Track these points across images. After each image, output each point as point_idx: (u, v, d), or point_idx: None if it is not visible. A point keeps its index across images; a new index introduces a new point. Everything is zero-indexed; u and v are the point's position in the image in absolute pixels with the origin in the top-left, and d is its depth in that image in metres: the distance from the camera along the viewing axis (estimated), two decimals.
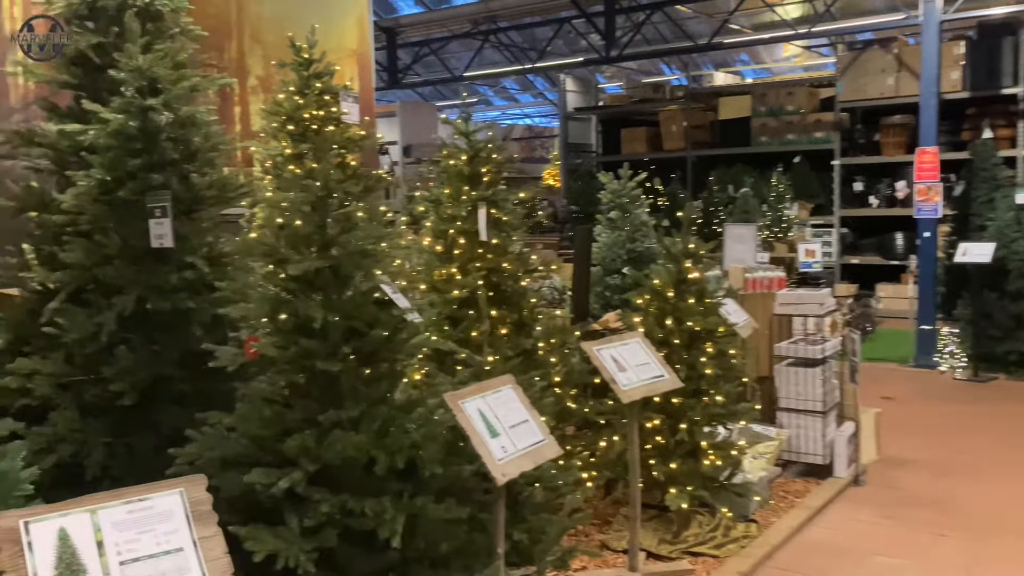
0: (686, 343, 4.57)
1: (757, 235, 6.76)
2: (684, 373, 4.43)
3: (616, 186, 5.83)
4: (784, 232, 11.85)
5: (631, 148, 15.58)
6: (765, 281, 6.20)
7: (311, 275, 2.88)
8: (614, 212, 5.79)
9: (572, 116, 16.60)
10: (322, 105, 5.48)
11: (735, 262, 6.64)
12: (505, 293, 4.83)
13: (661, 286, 4.60)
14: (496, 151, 5.02)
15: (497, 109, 27.10)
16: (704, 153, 14.86)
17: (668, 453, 4.51)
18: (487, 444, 2.87)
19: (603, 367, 3.95)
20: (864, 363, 9.88)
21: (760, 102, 14.13)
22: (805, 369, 5.58)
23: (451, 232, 4.89)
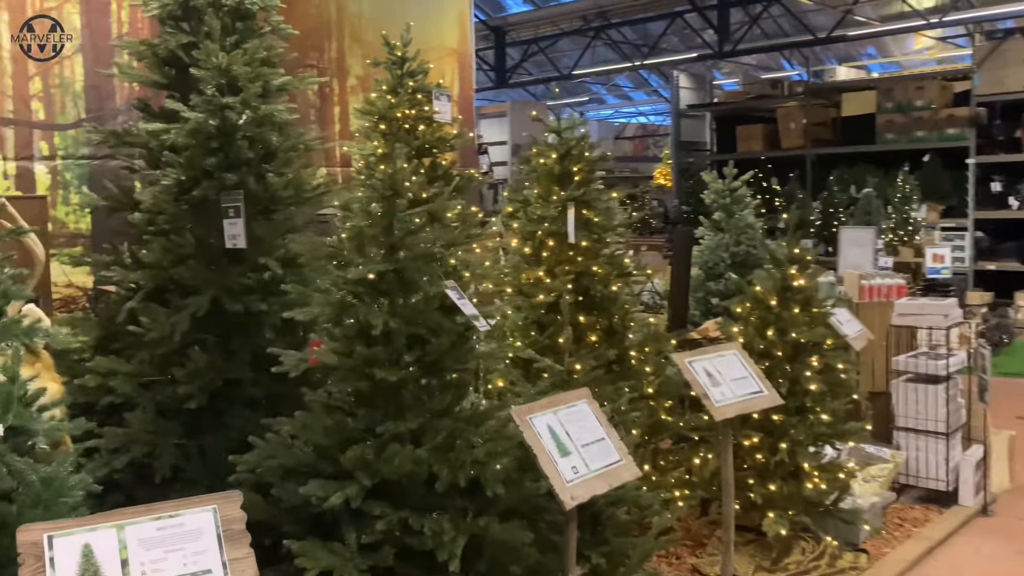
0: (789, 356, 4.22)
1: (877, 239, 6.28)
2: (786, 388, 4.10)
3: (720, 185, 5.50)
4: (910, 235, 11.10)
5: (747, 146, 14.99)
6: (883, 288, 5.73)
7: (375, 279, 2.75)
8: (718, 213, 5.46)
9: (685, 113, 16.13)
10: (414, 104, 5.42)
11: (851, 267, 6.18)
12: (594, 298, 4.61)
13: (763, 294, 4.28)
14: (588, 148, 4.80)
15: (610, 107, 26.77)
16: (824, 151, 14.14)
17: (767, 474, 4.18)
18: (556, 464, 2.67)
19: (695, 381, 3.68)
20: (998, 378, 9.14)
21: (886, 97, 13.32)
22: (926, 386, 5.11)
23: (539, 234, 4.70)
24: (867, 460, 4.89)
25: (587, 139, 4.86)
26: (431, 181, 5.33)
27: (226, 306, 3.25)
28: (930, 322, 5.11)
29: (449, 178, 5.54)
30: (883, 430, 5.37)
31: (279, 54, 4.52)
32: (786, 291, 4.29)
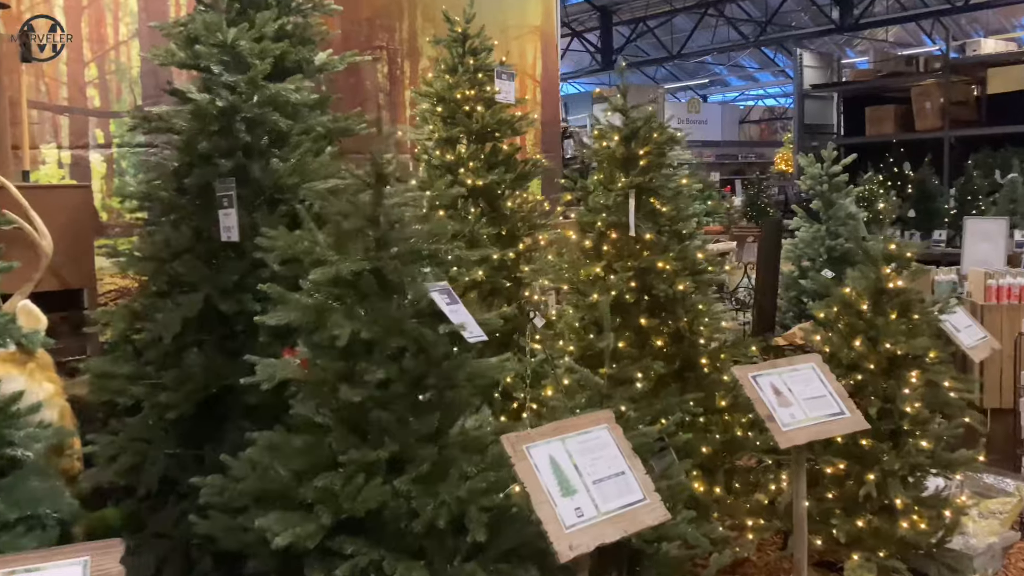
0: (883, 370, 3.59)
1: (1011, 230, 5.44)
2: (877, 409, 3.48)
3: (816, 170, 4.82)
4: None
5: (877, 129, 13.82)
6: (1015, 289, 4.93)
7: (353, 280, 2.37)
8: (815, 202, 4.79)
9: (809, 94, 15.05)
10: (475, 84, 5.04)
11: (977, 264, 5.37)
12: (658, 298, 4.09)
13: (853, 296, 3.66)
14: (658, 129, 4.26)
15: (734, 89, 25.60)
16: (965, 133, 12.85)
17: (854, 508, 3.58)
18: (554, 505, 2.22)
19: (759, 399, 3.13)
20: None
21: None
22: None
23: (599, 224, 4.22)
24: (985, 492, 4.17)
25: (655, 118, 4.32)
26: (491, 167, 4.94)
27: (219, 305, 2.95)
28: None
29: (514, 164, 5.14)
30: (1011, 455, 4.62)
31: (321, 32, 4.24)
32: (881, 294, 3.65)
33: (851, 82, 14.94)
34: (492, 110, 4.93)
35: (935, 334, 3.75)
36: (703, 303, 4.26)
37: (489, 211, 4.96)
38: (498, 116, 4.93)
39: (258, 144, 3.10)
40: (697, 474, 4.06)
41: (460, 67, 4.98)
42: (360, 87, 6.10)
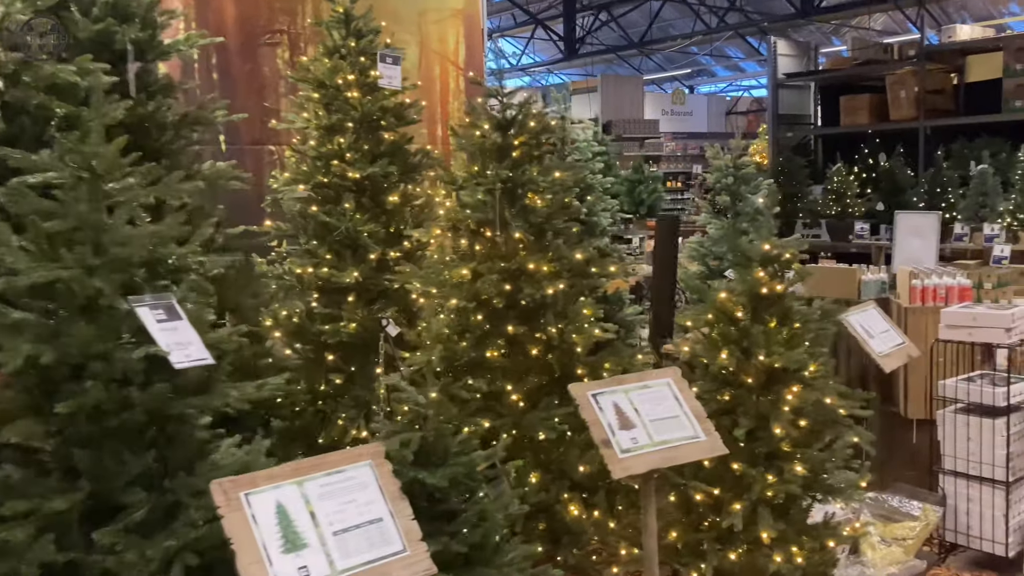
0: (761, 385, 3.21)
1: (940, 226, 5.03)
2: (746, 431, 3.10)
3: (724, 161, 4.44)
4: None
5: (851, 119, 13.38)
6: (941, 290, 4.54)
7: (46, 293, 1.99)
8: (722, 196, 4.42)
9: (784, 83, 14.60)
10: (358, 69, 4.67)
11: (908, 263, 4.98)
12: (528, 305, 3.71)
13: (728, 303, 3.27)
14: (534, 117, 3.88)
15: (721, 80, 25.11)
16: (941, 123, 12.40)
17: (729, 539, 3.20)
18: (269, 564, 1.85)
19: (596, 421, 2.76)
20: None
21: (1015, 58, 11.48)
22: (980, 419, 3.94)
23: (469, 223, 3.85)
24: (890, 516, 3.79)
25: (533, 104, 3.94)
26: (374, 159, 4.57)
27: None
28: (987, 336, 3.93)
29: (402, 155, 4.76)
30: (929, 472, 4.25)
31: (167, 11, 3.90)
32: (760, 300, 3.27)
33: (825, 71, 14.48)
34: (374, 96, 4.57)
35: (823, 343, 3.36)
36: (588, 307, 3.89)
37: (372, 206, 4.61)
38: (380, 103, 4.56)
39: (22, 134, 2.72)
40: (569, 496, 3.71)
41: (343, 50, 4.62)
42: (257, 73, 5.73)
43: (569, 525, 3.65)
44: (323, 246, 4.49)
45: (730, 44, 22.22)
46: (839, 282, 4.92)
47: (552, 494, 3.64)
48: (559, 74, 25.52)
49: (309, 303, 4.46)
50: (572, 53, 14.05)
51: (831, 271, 4.96)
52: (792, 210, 12.08)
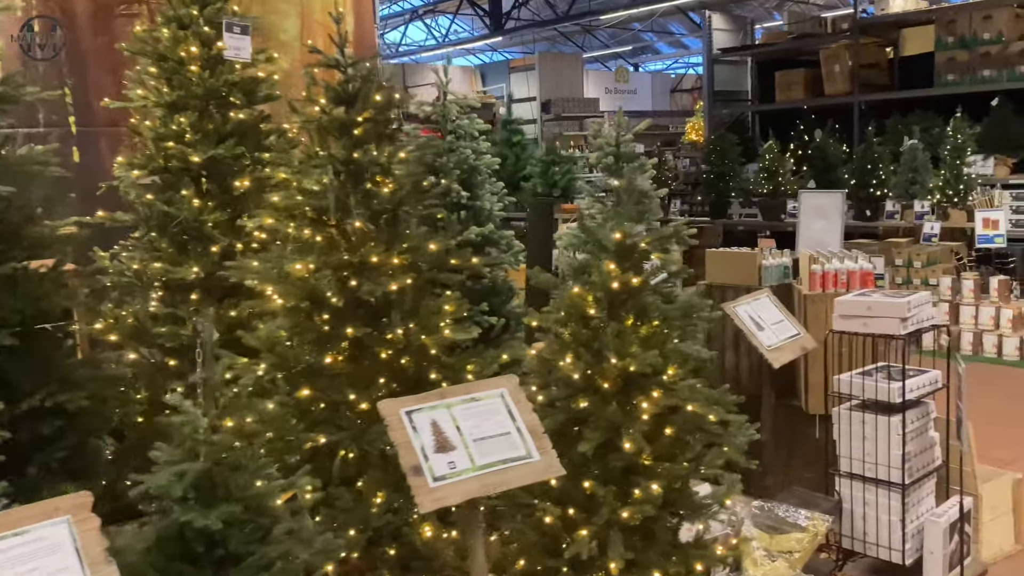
0: (618, 391, 2.84)
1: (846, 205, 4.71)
2: (594, 445, 2.73)
3: (606, 139, 4.07)
4: (963, 196, 9.25)
5: (786, 94, 13.11)
6: (843, 276, 4.22)
7: None
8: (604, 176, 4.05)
9: (719, 59, 14.29)
10: (203, 40, 4.20)
11: (811, 246, 4.66)
12: (372, 303, 3.29)
13: (580, 299, 2.89)
14: (380, 90, 3.44)
15: (666, 57, 24.77)
16: (875, 98, 12.17)
17: (587, 566, 2.83)
18: None
19: (406, 443, 2.37)
20: None
21: (947, 31, 11.27)
22: (876, 417, 3.62)
23: (307, 211, 3.42)
24: (778, 526, 3.46)
25: (377, 76, 3.50)
26: (220, 139, 4.11)
27: None
28: (882, 327, 3.60)
29: (254, 135, 4.31)
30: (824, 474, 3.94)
31: None
32: (618, 294, 2.89)
33: (760, 45, 14.19)
34: (219, 71, 4.11)
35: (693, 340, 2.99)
36: (451, 304, 3.49)
37: (219, 193, 4.15)
38: (224, 78, 4.10)
39: None
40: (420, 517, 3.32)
41: (185, 19, 4.15)
42: (111, 47, 5.21)
43: (420, 550, 3.27)
44: (164, 238, 4.04)
45: (673, 20, 21.88)
46: (739, 268, 4.57)
47: (401, 516, 3.25)
48: (503, 52, 25.02)
49: (149, 302, 4.02)
50: (498, 28, 13.56)
51: (731, 256, 4.61)
52: (725, 189, 11.80)
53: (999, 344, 7.73)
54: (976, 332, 7.88)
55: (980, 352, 7.84)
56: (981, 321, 7.88)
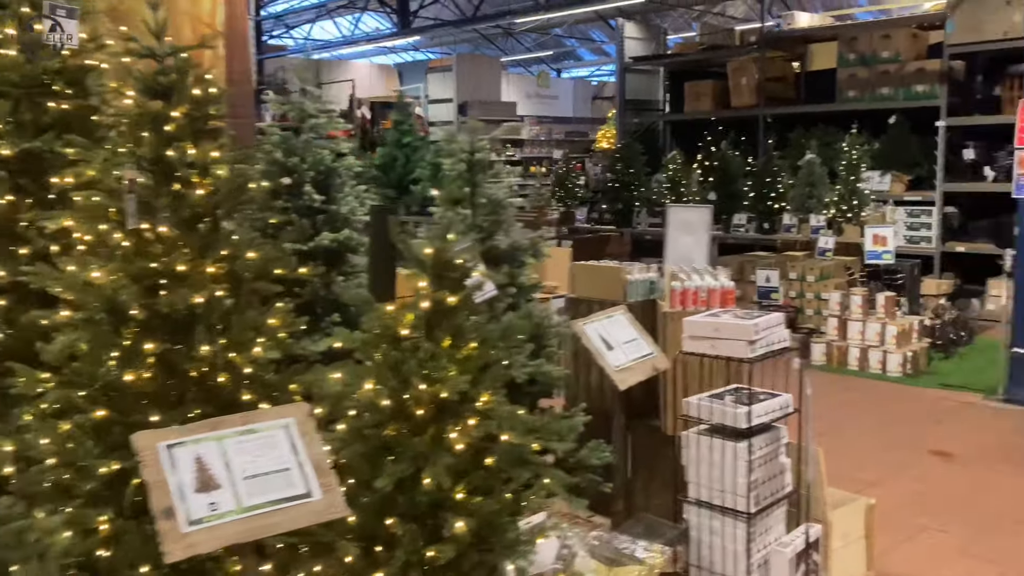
0: (429, 419, 2.62)
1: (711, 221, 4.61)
2: (401, 473, 2.51)
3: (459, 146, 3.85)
4: (857, 211, 9.35)
5: (695, 105, 13.17)
6: (702, 293, 4.09)
7: None
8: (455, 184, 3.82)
9: (631, 68, 14.28)
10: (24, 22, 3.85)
11: (679, 261, 4.53)
12: (178, 317, 3.01)
13: (390, 318, 2.67)
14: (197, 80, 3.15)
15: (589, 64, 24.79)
16: (780, 111, 12.29)
17: None
18: None
19: (160, 482, 2.11)
20: (936, 391, 7.45)
21: (849, 48, 11.44)
22: (724, 442, 3.49)
23: (111, 213, 3.12)
24: (617, 558, 3.30)
25: (190, 64, 3.21)
26: (39, 131, 3.77)
27: None
28: (730, 349, 3.47)
29: (84, 129, 3.98)
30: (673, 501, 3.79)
31: None
32: (434, 314, 2.68)
33: (671, 55, 14.24)
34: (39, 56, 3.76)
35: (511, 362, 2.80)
36: (278, 317, 3.22)
37: (37, 190, 3.81)
38: (44, 65, 3.77)
39: None
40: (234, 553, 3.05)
41: None
42: None
43: None
44: None
45: (595, 27, 21.90)
46: (605, 282, 4.42)
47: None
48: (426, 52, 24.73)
49: None
50: (406, 26, 13.28)
51: (596, 270, 4.46)
52: (631, 198, 11.76)
53: (884, 360, 7.79)
54: (863, 348, 7.94)
55: (866, 368, 7.89)
56: (868, 337, 7.94)
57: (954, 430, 6.17)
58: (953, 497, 4.92)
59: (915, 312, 8.74)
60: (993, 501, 4.87)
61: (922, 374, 7.75)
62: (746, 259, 9.77)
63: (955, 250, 10.47)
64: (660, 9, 18.66)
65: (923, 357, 7.90)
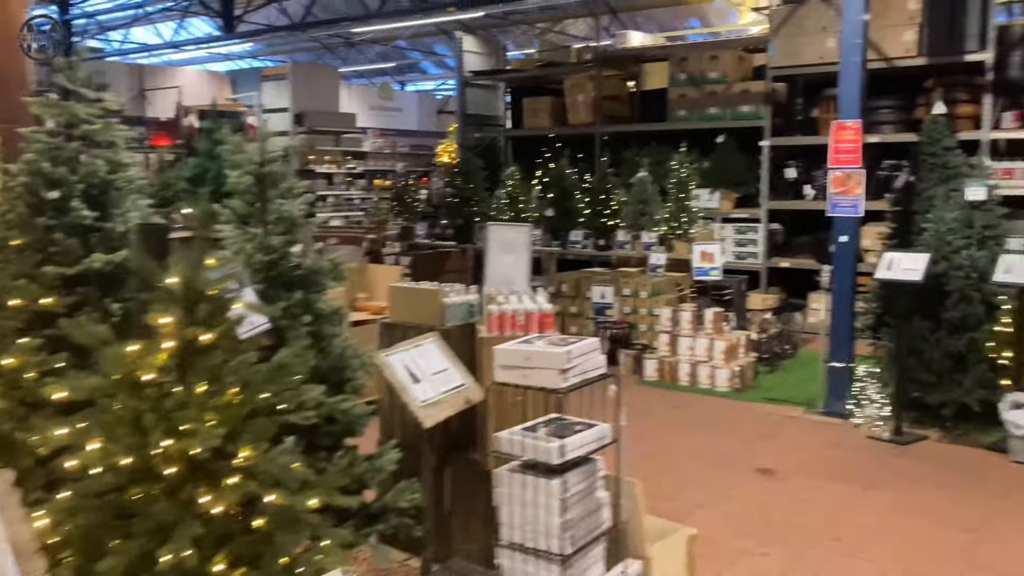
0: (179, 480, 2.22)
1: (532, 239, 4.41)
2: (137, 550, 2.10)
3: (249, 157, 3.45)
4: (686, 228, 9.50)
5: (534, 121, 13.14)
6: (520, 317, 3.85)
7: None
8: (242, 200, 3.41)
9: (470, 82, 14.15)
10: None
11: (499, 282, 4.29)
12: None
13: (130, 359, 2.25)
14: None
15: (435, 78, 24.59)
16: (615, 129, 12.44)
17: None
18: None
19: None
20: (762, 405, 7.60)
21: (679, 68, 11.70)
22: (536, 479, 3.25)
23: None
24: None
25: None
26: None
27: None
28: (541, 379, 3.23)
29: None
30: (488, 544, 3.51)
31: None
32: (187, 354, 2.28)
33: (509, 70, 14.21)
34: None
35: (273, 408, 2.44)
36: (17, 355, 2.72)
37: None
38: None
39: None
40: None
41: None
42: None
43: None
44: None
45: (439, 40, 21.71)
46: (422, 305, 4.11)
47: None
48: (264, 60, 23.80)
49: None
50: (230, 30, 12.58)
51: (412, 292, 4.15)
52: (471, 213, 11.55)
53: (713, 375, 7.89)
54: (692, 363, 8.01)
55: (696, 383, 7.96)
56: (697, 352, 8.02)
57: (777, 445, 6.24)
58: (774, 516, 4.91)
59: (743, 327, 8.94)
60: (812, 518, 4.89)
61: (749, 388, 7.89)
62: (583, 275, 9.74)
63: (780, 265, 10.85)
64: (502, 25, 18.68)
65: (750, 371, 8.05)
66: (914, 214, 8.23)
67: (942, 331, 6.48)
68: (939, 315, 6.49)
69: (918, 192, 8.23)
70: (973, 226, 7.17)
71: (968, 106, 9.54)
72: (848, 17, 6.77)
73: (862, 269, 8.26)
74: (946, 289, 6.50)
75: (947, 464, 5.80)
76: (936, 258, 6.50)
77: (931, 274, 6.37)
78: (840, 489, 5.35)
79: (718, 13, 17.49)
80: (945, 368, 6.45)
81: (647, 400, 7.58)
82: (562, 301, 9.65)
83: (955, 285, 6.47)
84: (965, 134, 9.23)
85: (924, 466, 5.77)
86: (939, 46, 9.47)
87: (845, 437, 6.45)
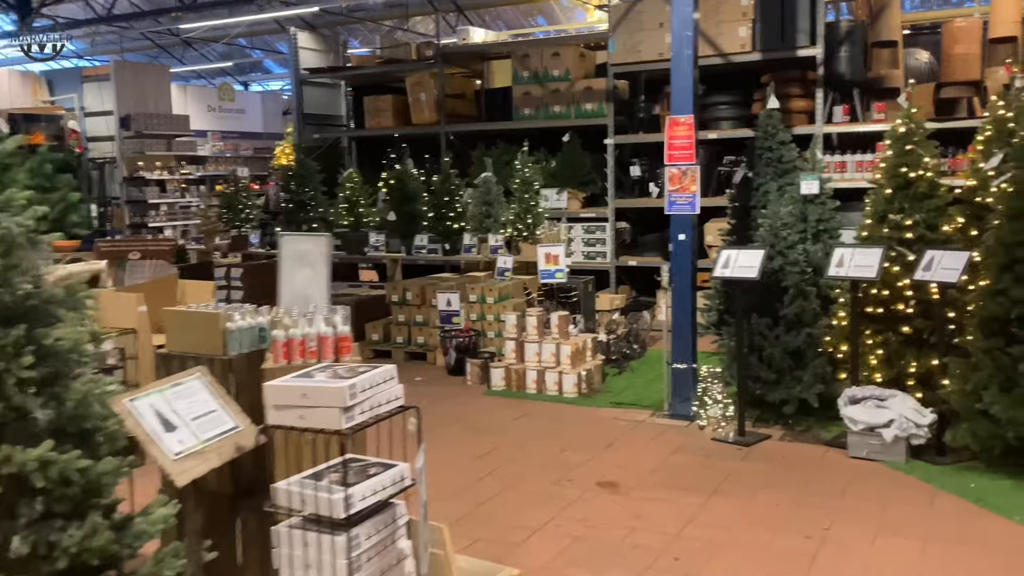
0: None
1: (331, 249, 3.92)
2: None
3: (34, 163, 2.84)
4: (532, 230, 9.20)
5: (377, 121, 12.59)
6: (311, 343, 3.35)
7: None
8: None
9: (307, 80, 13.44)
10: None
11: (295, 300, 3.78)
12: None
13: None
14: None
15: (279, 77, 23.54)
16: (460, 129, 12.06)
17: None
18: None
19: None
20: (609, 410, 7.37)
21: (522, 65, 11.43)
22: (320, 536, 2.77)
23: None
24: None
25: None
26: None
27: None
28: (322, 419, 2.76)
29: None
30: None
31: None
32: None
33: (348, 68, 13.59)
34: None
35: None
36: None
37: None
38: None
39: None
40: None
41: None
42: None
43: None
44: None
45: (281, 39, 20.76)
46: (200, 332, 3.55)
47: None
48: (92, 60, 22.14)
49: None
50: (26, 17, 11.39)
51: (188, 317, 3.57)
52: (307, 219, 10.90)
53: (560, 381, 7.60)
54: (539, 370, 7.69)
55: (543, 390, 7.66)
56: (544, 358, 7.71)
57: (622, 455, 5.98)
58: (613, 537, 4.61)
59: (591, 329, 8.72)
60: (651, 536, 4.61)
61: (597, 393, 7.65)
62: (427, 282, 9.30)
63: (628, 264, 10.74)
64: (346, 22, 18.00)
65: (598, 375, 7.82)
66: (752, 209, 8.23)
67: (780, 328, 6.40)
68: (777, 312, 6.41)
69: (755, 187, 8.24)
70: (807, 220, 7.17)
71: (801, 100, 9.68)
72: (677, 9, 6.59)
73: (706, 266, 8.20)
74: (783, 285, 6.42)
75: (789, 465, 5.69)
76: (772, 254, 6.42)
77: (767, 270, 6.28)
78: (683, 500, 5.11)
79: (565, 11, 17.41)
80: (785, 365, 6.37)
81: (493, 411, 7.21)
82: (408, 310, 9.17)
83: (791, 281, 6.41)
84: (799, 128, 9.35)
85: (766, 468, 5.63)
86: (772, 41, 9.56)
87: (690, 440, 6.26)
